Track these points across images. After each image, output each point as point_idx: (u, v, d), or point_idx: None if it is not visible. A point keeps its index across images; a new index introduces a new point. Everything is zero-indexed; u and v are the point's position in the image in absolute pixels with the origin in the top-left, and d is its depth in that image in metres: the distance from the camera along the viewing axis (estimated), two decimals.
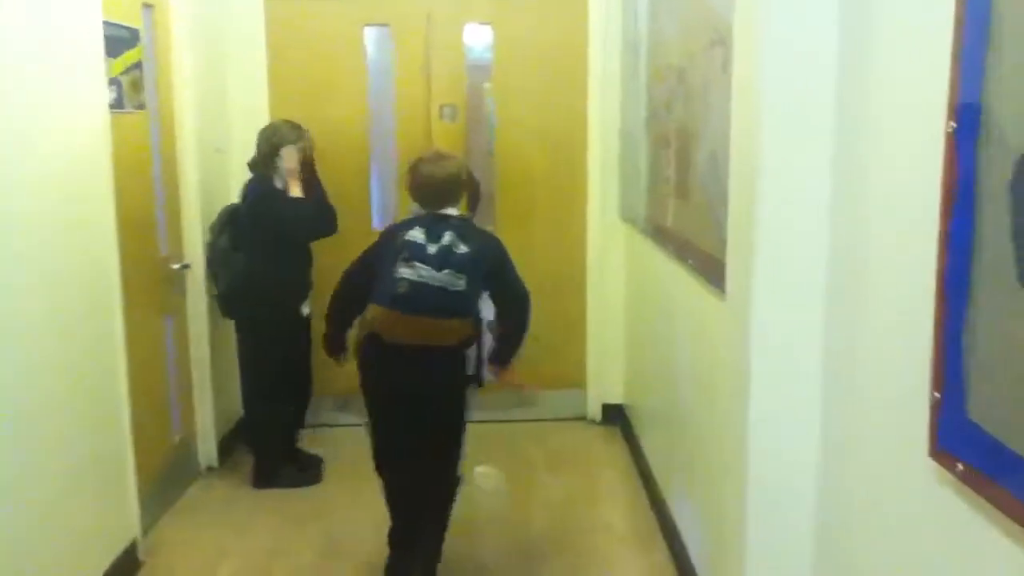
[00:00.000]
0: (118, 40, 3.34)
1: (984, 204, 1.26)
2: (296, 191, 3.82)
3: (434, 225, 2.99)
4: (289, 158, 3.81)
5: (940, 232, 1.37)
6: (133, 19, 3.51)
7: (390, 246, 3.00)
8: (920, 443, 1.46)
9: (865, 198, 1.75)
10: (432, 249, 2.93)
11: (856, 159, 1.79)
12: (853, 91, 1.80)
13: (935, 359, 1.41)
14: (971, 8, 1.29)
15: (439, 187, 3.03)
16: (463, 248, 2.94)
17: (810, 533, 2.05)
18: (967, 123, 1.30)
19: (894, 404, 1.62)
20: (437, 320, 2.92)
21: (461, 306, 2.96)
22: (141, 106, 3.59)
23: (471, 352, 3.09)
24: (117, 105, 3.32)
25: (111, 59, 3.26)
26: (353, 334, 3.14)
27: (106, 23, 3.16)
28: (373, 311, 2.95)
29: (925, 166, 1.43)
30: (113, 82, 3.29)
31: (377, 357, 2.97)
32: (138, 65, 3.53)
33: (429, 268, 2.90)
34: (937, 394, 1.41)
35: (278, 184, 3.84)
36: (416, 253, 2.92)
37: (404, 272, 2.91)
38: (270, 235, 3.82)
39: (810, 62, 1.89)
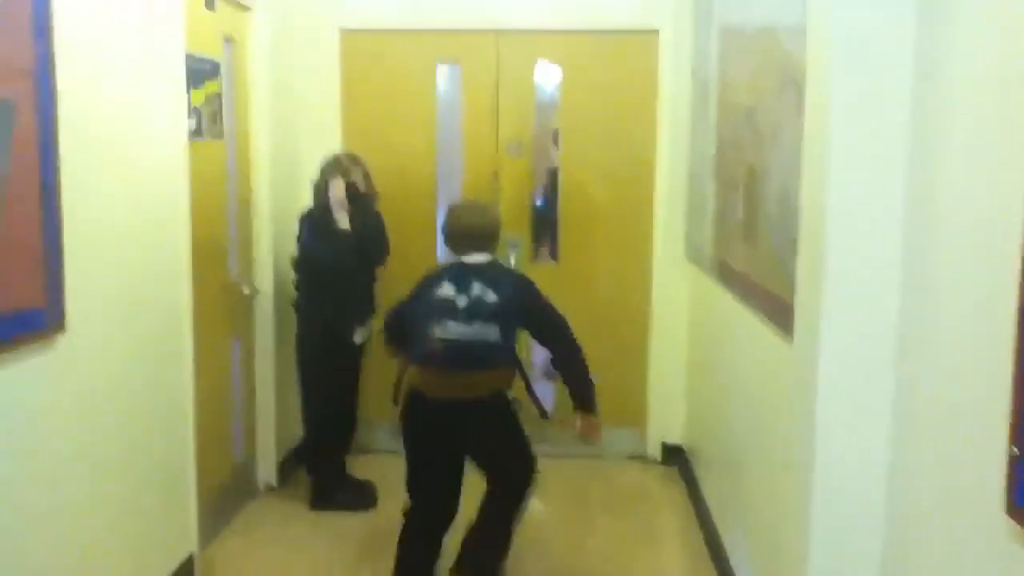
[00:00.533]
0: (200, 72, 3.46)
1: None
2: (343, 223, 3.89)
3: (463, 276, 3.06)
4: (337, 188, 3.89)
5: (1020, 288, 1.34)
6: (214, 52, 3.63)
7: (424, 298, 3.09)
8: (996, 500, 1.42)
9: (938, 251, 1.71)
10: (462, 302, 3.00)
11: (930, 211, 1.76)
12: (927, 132, 1.77)
13: (1014, 412, 1.37)
14: None
15: (477, 235, 3.12)
16: (493, 297, 3.00)
17: None
18: None
19: (969, 459, 1.58)
20: (472, 373, 3.01)
21: (495, 357, 3.03)
22: (219, 135, 3.71)
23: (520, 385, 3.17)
24: (196, 134, 3.43)
25: (193, 89, 3.37)
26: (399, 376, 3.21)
27: (189, 56, 3.28)
28: (412, 369, 3.07)
29: (1002, 223, 1.40)
30: (193, 112, 3.40)
31: (419, 410, 3.07)
32: (217, 96, 3.65)
33: (460, 324, 2.99)
34: (1016, 450, 1.36)
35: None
36: (447, 311, 3.00)
37: (437, 331, 3.00)
38: (312, 266, 3.93)
39: (883, 109, 1.87)
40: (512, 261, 4.64)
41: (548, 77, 4.88)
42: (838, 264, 1.92)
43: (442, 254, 4.86)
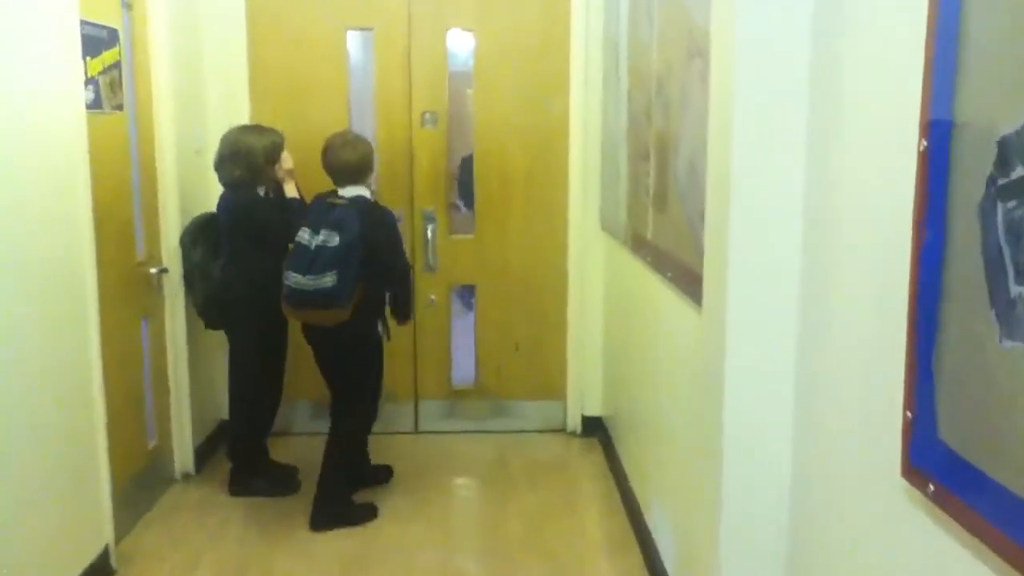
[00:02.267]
0: (96, 40, 3.31)
1: (955, 224, 1.25)
2: (292, 191, 3.90)
3: (320, 218, 3.46)
4: (287, 160, 3.90)
5: (912, 252, 1.37)
6: (112, 18, 3.47)
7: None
8: (893, 462, 1.46)
9: (838, 215, 1.75)
10: (313, 246, 3.42)
11: (829, 176, 1.79)
12: (826, 107, 1.80)
13: (907, 379, 1.40)
14: (942, 27, 1.29)
15: (347, 169, 3.55)
16: (336, 240, 3.38)
17: (782, 548, 2.05)
18: (938, 142, 1.29)
19: (867, 422, 1.62)
20: (316, 312, 3.47)
21: (333, 299, 3.41)
22: (119, 107, 3.56)
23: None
24: (95, 105, 3.29)
25: (89, 59, 3.23)
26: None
27: (84, 22, 3.13)
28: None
29: (898, 184, 1.43)
30: (91, 82, 3.26)
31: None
32: (116, 65, 3.50)
33: (299, 275, 3.43)
34: (909, 414, 1.40)
35: (261, 192, 3.87)
36: (293, 260, 3.48)
37: (286, 279, 3.48)
38: (256, 242, 3.81)
39: (783, 77, 1.89)
40: (429, 234, 4.61)
41: (461, 45, 4.82)
42: (741, 234, 1.95)
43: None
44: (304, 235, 3.46)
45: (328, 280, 3.38)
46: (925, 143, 1.33)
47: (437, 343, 4.74)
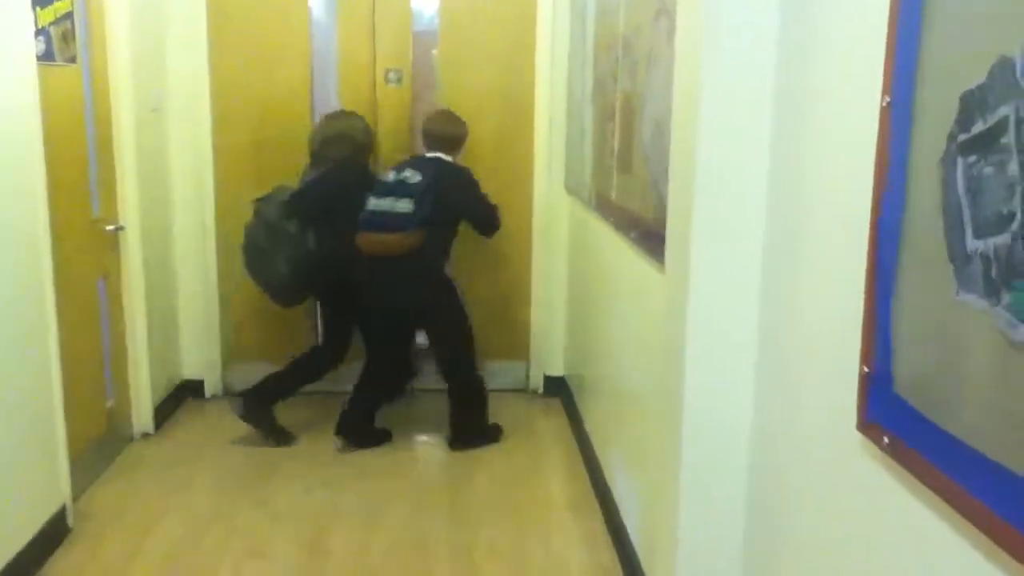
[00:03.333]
0: None
1: (916, 179, 1.26)
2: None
3: (404, 163, 3.96)
4: None
5: (872, 206, 1.38)
6: None
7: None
8: (849, 416, 1.48)
9: (802, 172, 1.76)
10: (393, 180, 3.88)
11: (794, 133, 1.80)
12: (792, 63, 1.80)
13: (864, 333, 1.42)
14: None
15: (436, 137, 4.02)
16: (417, 179, 3.83)
17: (742, 503, 2.08)
18: (901, 97, 1.30)
19: (826, 378, 1.64)
20: (390, 235, 3.80)
21: (405, 223, 3.79)
22: (72, 59, 3.46)
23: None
24: (46, 57, 3.19)
25: (39, 8, 3.13)
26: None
27: None
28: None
29: (860, 139, 1.44)
30: (41, 32, 3.16)
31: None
32: (69, 16, 3.40)
33: (377, 199, 3.86)
34: (866, 368, 1.42)
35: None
36: (377, 189, 3.90)
37: (366, 206, 3.87)
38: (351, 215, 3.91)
39: (750, 33, 1.88)
40: None
41: (426, 3, 4.76)
42: (705, 193, 1.95)
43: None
44: (388, 175, 3.93)
45: (403, 206, 3.79)
46: (888, 98, 1.33)
47: None
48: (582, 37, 4.00)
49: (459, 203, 3.94)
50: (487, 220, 4.05)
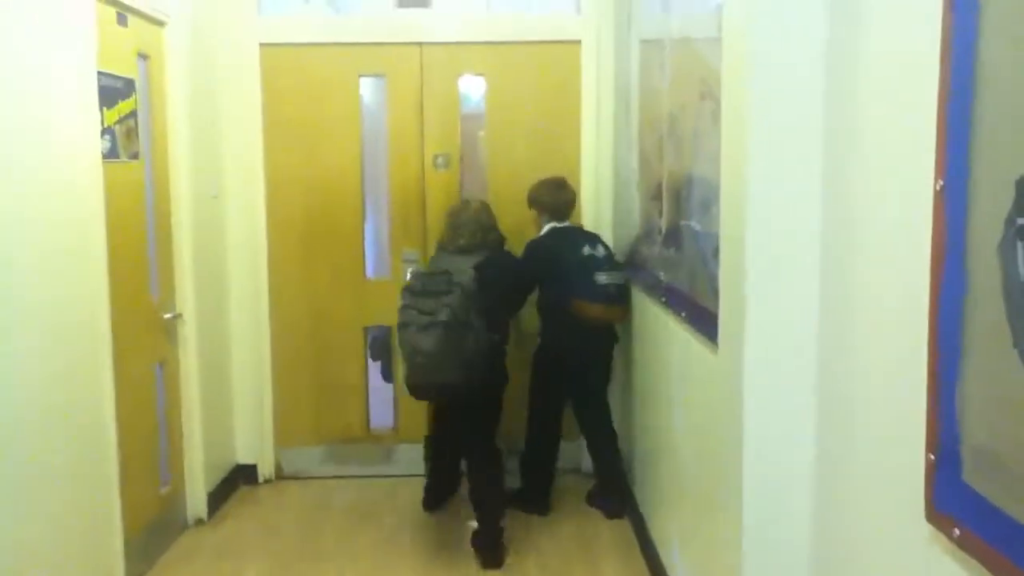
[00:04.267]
0: (113, 90, 3.36)
1: (975, 264, 1.24)
2: None
3: (579, 239, 4.13)
4: None
5: (931, 293, 1.36)
6: (128, 69, 3.52)
7: (566, 260, 4.05)
8: (917, 506, 1.43)
9: (854, 256, 1.74)
10: (589, 254, 4.05)
11: (846, 215, 1.79)
12: (841, 145, 1.80)
13: (929, 420, 1.38)
14: (956, 69, 1.29)
15: (573, 202, 4.27)
16: (601, 252, 4.11)
17: None
18: (955, 181, 1.29)
19: (890, 465, 1.60)
20: (622, 306, 4.09)
21: (625, 294, 4.13)
22: (135, 155, 3.60)
23: None
24: (111, 154, 3.33)
25: (105, 109, 3.27)
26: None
27: (101, 74, 3.18)
28: (588, 307, 4.00)
29: (915, 225, 1.42)
30: (107, 132, 3.30)
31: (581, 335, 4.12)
32: (133, 115, 3.54)
33: (612, 271, 4.05)
34: (932, 456, 1.38)
35: None
36: (594, 265, 4.02)
37: (603, 279, 4.01)
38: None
39: (797, 116, 1.89)
40: None
41: (473, 89, 4.87)
42: (758, 272, 1.94)
43: (371, 270, 4.83)
44: (587, 249, 4.04)
45: (626, 278, 4.04)
46: (941, 183, 1.32)
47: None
48: (627, 119, 4.05)
49: None
50: None
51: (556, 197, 4.18)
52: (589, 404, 4.26)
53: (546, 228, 4.18)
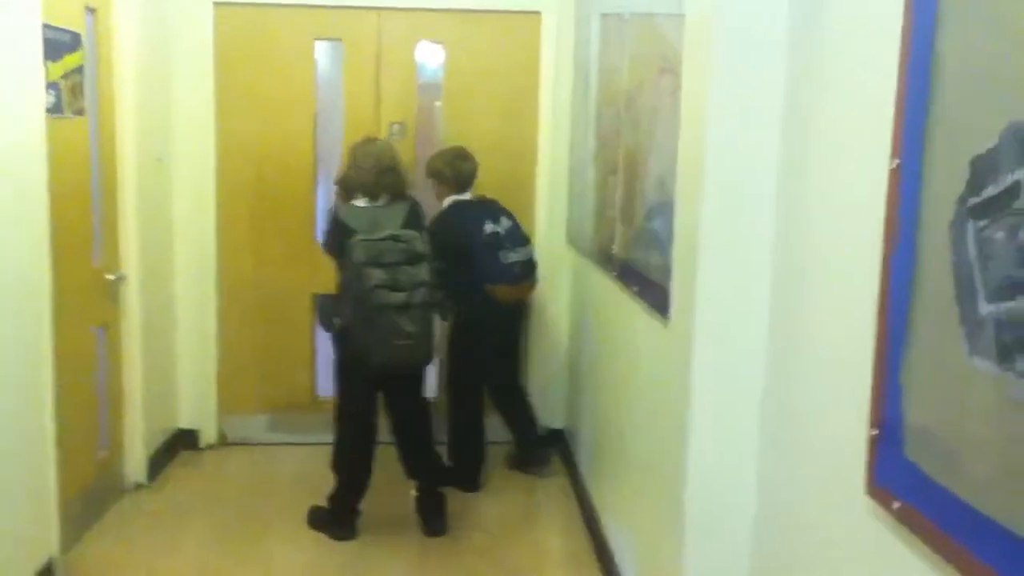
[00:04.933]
0: (58, 44, 3.25)
1: (926, 242, 1.26)
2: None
3: (488, 211, 4.01)
4: None
5: (882, 269, 1.38)
6: (75, 23, 3.41)
7: (475, 242, 3.91)
8: (858, 479, 1.46)
9: (808, 232, 1.76)
10: (503, 231, 3.99)
11: (801, 191, 1.80)
12: (800, 123, 1.82)
13: (874, 396, 1.41)
14: (915, 49, 1.30)
15: (475, 175, 4.07)
16: (511, 224, 4.06)
17: (746, 563, 2.04)
18: (911, 160, 1.30)
19: (833, 439, 1.62)
20: (530, 283, 4.11)
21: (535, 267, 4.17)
22: (81, 112, 3.49)
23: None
24: (55, 110, 3.22)
25: (50, 63, 3.16)
26: None
27: (46, 26, 3.07)
28: (500, 290, 3.97)
29: (869, 203, 1.44)
30: (52, 86, 3.19)
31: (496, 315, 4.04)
32: (79, 70, 3.43)
33: (521, 248, 4.04)
34: (875, 431, 1.41)
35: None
36: (507, 241, 3.97)
37: (510, 257, 3.94)
38: None
39: (758, 94, 1.90)
40: None
41: (431, 57, 4.81)
42: (711, 248, 1.95)
43: (321, 235, 4.77)
44: (490, 226, 3.94)
45: (531, 250, 4.03)
46: (897, 161, 1.34)
47: None
48: (585, 92, 4.04)
49: None
50: None
51: (457, 169, 4.01)
52: (503, 378, 4.28)
53: (447, 202, 4.04)
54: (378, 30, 4.52)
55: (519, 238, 4.03)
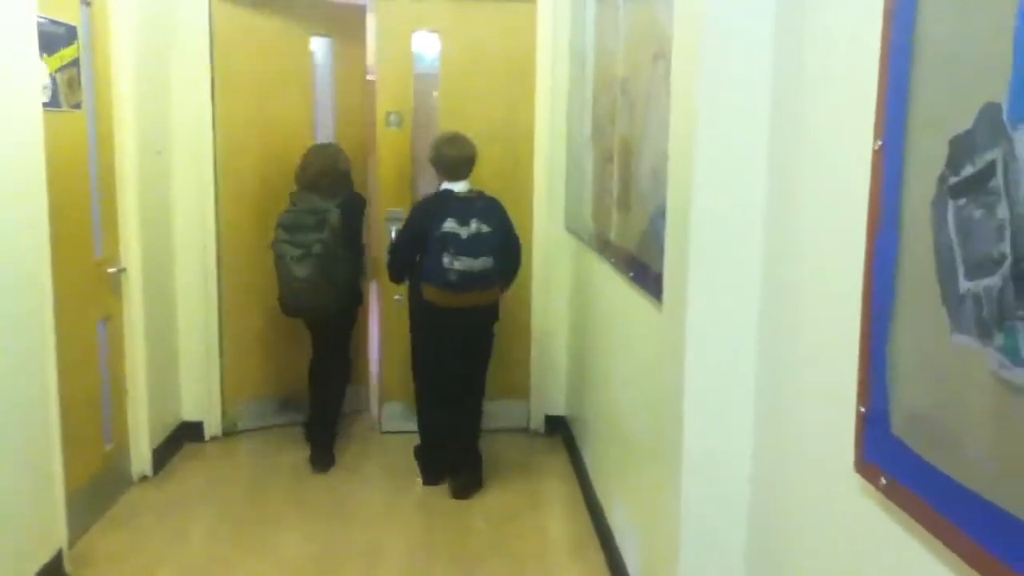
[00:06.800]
0: (54, 36, 3.26)
1: (909, 222, 1.28)
2: None
3: (463, 210, 3.76)
4: None
5: (867, 248, 1.40)
6: (71, 15, 3.42)
7: (431, 235, 3.73)
8: (847, 456, 1.48)
9: (797, 213, 1.78)
10: (464, 235, 3.71)
11: (789, 174, 1.82)
12: (787, 106, 1.83)
13: (861, 374, 1.43)
14: (897, 30, 1.31)
15: (467, 163, 3.93)
16: (487, 228, 3.76)
17: (741, 542, 2.07)
18: (893, 141, 1.32)
19: (823, 417, 1.65)
20: (479, 293, 3.81)
21: (493, 279, 3.82)
22: (78, 105, 3.51)
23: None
24: (52, 103, 3.24)
25: (46, 56, 3.18)
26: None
27: (41, 19, 3.08)
28: (429, 290, 3.80)
29: (854, 183, 1.46)
30: (48, 80, 3.21)
31: (433, 316, 3.88)
32: (75, 63, 3.45)
33: (469, 259, 3.71)
34: (863, 408, 1.43)
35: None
36: (457, 246, 3.71)
37: (452, 264, 3.71)
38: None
39: (745, 78, 1.91)
40: (393, 235, 4.58)
41: (427, 47, 4.82)
42: (703, 232, 1.97)
43: None
44: (451, 225, 3.73)
45: (489, 262, 3.76)
46: (880, 142, 1.35)
47: (401, 344, 4.73)
48: (581, 80, 4.05)
49: (515, 247, 4.01)
50: (520, 246, 4.10)
51: (441, 153, 3.90)
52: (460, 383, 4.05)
53: (440, 189, 3.94)
54: (374, 22, 4.52)
55: (483, 247, 3.73)
